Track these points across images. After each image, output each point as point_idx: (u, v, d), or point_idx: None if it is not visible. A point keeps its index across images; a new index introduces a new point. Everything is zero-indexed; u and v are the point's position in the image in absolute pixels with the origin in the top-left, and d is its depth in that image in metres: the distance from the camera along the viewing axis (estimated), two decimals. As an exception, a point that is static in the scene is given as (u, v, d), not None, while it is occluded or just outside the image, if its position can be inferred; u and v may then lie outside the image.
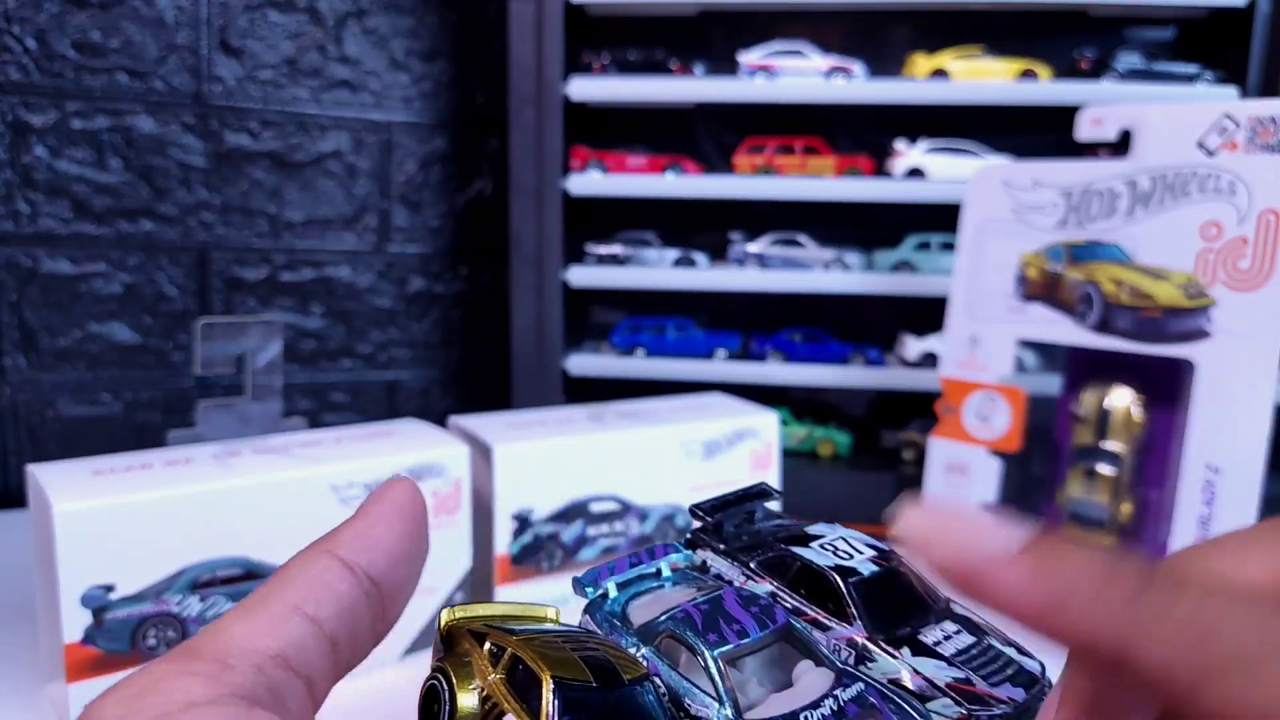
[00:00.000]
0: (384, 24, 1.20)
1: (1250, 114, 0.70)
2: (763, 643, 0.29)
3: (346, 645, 0.24)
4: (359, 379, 1.26)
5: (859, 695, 0.28)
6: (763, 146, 1.11)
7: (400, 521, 0.25)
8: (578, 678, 0.26)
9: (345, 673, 0.24)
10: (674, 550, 0.35)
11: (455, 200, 1.29)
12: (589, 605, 0.33)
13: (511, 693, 0.26)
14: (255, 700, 0.20)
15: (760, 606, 0.30)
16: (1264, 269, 0.68)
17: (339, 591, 0.23)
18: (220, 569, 0.57)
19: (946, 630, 0.31)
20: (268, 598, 0.23)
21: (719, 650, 0.28)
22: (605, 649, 0.28)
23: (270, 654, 0.22)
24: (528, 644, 0.27)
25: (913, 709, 0.28)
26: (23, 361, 1.05)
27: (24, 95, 1.01)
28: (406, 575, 0.25)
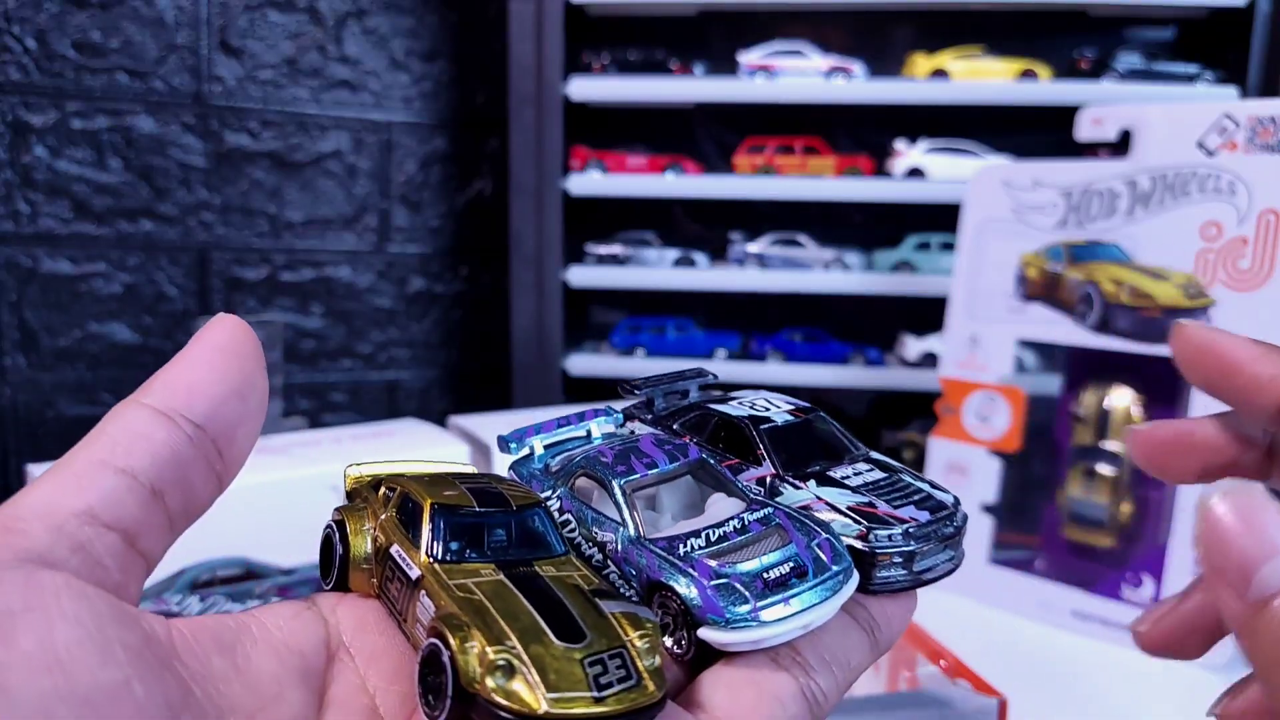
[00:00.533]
0: (384, 24, 1.20)
1: (1250, 114, 0.70)
2: (673, 474, 0.30)
3: (176, 493, 0.23)
4: (359, 379, 1.25)
5: (765, 517, 0.28)
6: (763, 146, 1.11)
7: (221, 359, 0.24)
8: (461, 503, 0.26)
9: (185, 524, 0.24)
10: (604, 414, 0.35)
11: (455, 200, 1.29)
12: (514, 463, 0.33)
13: (399, 526, 0.26)
14: (50, 561, 0.20)
15: (675, 445, 0.31)
16: (1264, 269, 0.68)
17: (155, 440, 0.23)
18: (220, 569, 0.57)
19: (858, 469, 0.31)
20: (74, 457, 0.22)
21: (625, 479, 0.29)
22: (500, 484, 0.28)
23: (74, 512, 0.21)
24: (416, 480, 0.27)
25: (817, 526, 0.28)
26: (23, 361, 1.05)
27: (24, 95, 1.01)
28: (236, 414, 0.24)
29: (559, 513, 0.30)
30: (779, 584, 0.26)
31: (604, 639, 0.23)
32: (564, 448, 0.33)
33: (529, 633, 0.22)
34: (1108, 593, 0.77)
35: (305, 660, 0.24)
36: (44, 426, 1.07)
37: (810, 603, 0.26)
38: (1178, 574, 0.72)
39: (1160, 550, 0.74)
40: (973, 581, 0.84)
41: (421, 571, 0.25)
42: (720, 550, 0.27)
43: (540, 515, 0.27)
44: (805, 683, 0.26)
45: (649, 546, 0.27)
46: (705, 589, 0.26)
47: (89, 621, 0.19)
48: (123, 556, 0.22)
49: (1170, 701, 0.67)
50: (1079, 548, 0.81)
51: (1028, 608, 0.80)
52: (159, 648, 0.21)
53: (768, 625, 0.25)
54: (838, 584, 0.27)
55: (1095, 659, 0.73)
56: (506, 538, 0.26)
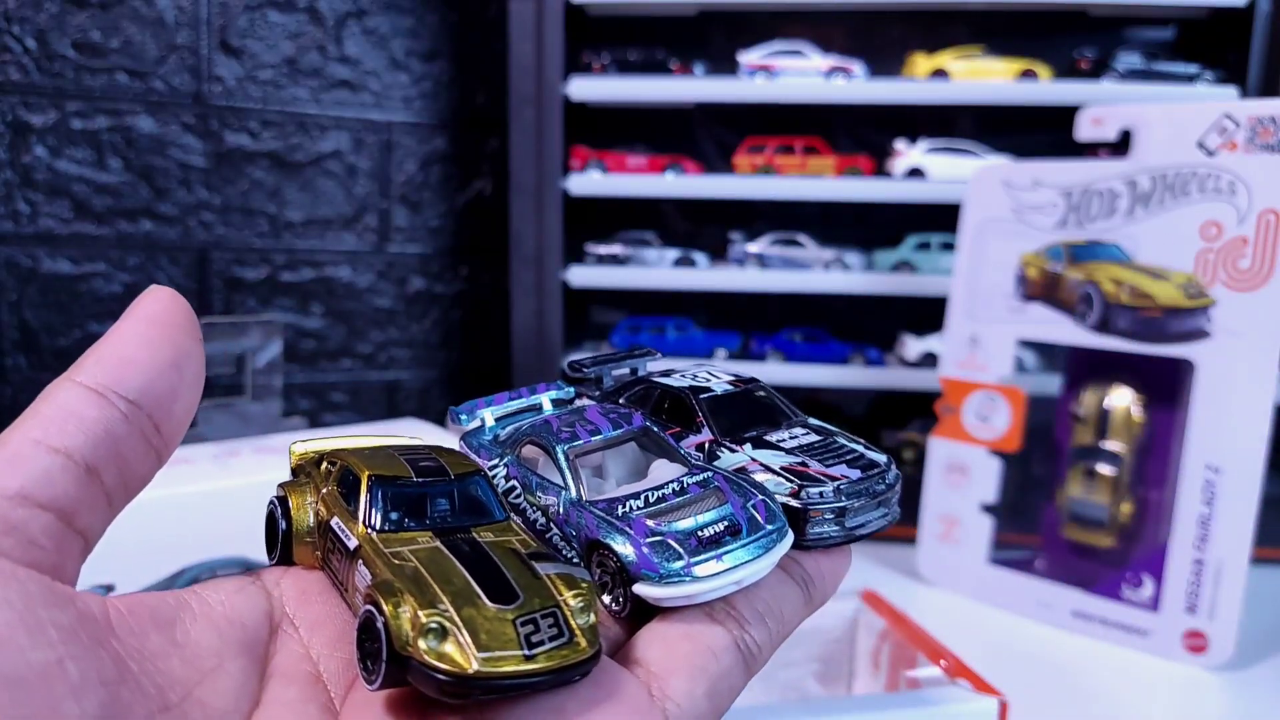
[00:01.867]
0: (384, 24, 1.20)
1: (1250, 114, 0.70)
2: (616, 440, 0.31)
3: (112, 470, 0.23)
4: (359, 379, 1.26)
5: (704, 480, 0.29)
6: (763, 146, 1.11)
7: (153, 331, 0.24)
8: (399, 474, 0.27)
9: (124, 499, 0.24)
10: (555, 388, 0.36)
11: (455, 200, 1.29)
12: (465, 434, 0.34)
13: (339, 499, 0.27)
14: None
15: (619, 413, 0.32)
16: (1264, 269, 0.68)
17: (88, 418, 0.23)
18: (220, 569, 0.57)
19: (794, 433, 0.33)
20: (7, 438, 0.22)
21: (568, 445, 0.30)
22: (440, 455, 0.29)
23: (7, 494, 0.21)
24: (356, 454, 0.28)
25: (754, 488, 0.29)
26: (23, 361, 1.05)
27: (24, 95, 1.01)
28: (171, 387, 0.24)
29: (505, 479, 0.31)
30: (712, 541, 0.27)
31: (537, 599, 0.23)
32: (514, 420, 0.34)
33: (461, 595, 0.23)
34: (1108, 593, 0.77)
35: (247, 632, 0.24)
36: (44, 426, 1.07)
37: (743, 559, 0.27)
38: (1177, 574, 0.72)
39: (1160, 550, 0.74)
40: (973, 581, 0.84)
41: (359, 542, 0.25)
42: (658, 511, 0.28)
43: (480, 483, 0.28)
44: (739, 635, 0.27)
45: (588, 508, 0.28)
46: (640, 546, 0.26)
47: (19, 603, 0.20)
48: (59, 536, 0.22)
49: (1170, 701, 0.67)
50: (1079, 548, 0.81)
51: (1028, 608, 0.80)
52: (93, 626, 0.21)
53: (701, 580, 0.26)
54: (771, 542, 0.27)
55: (1095, 659, 0.73)
56: (447, 507, 0.27)
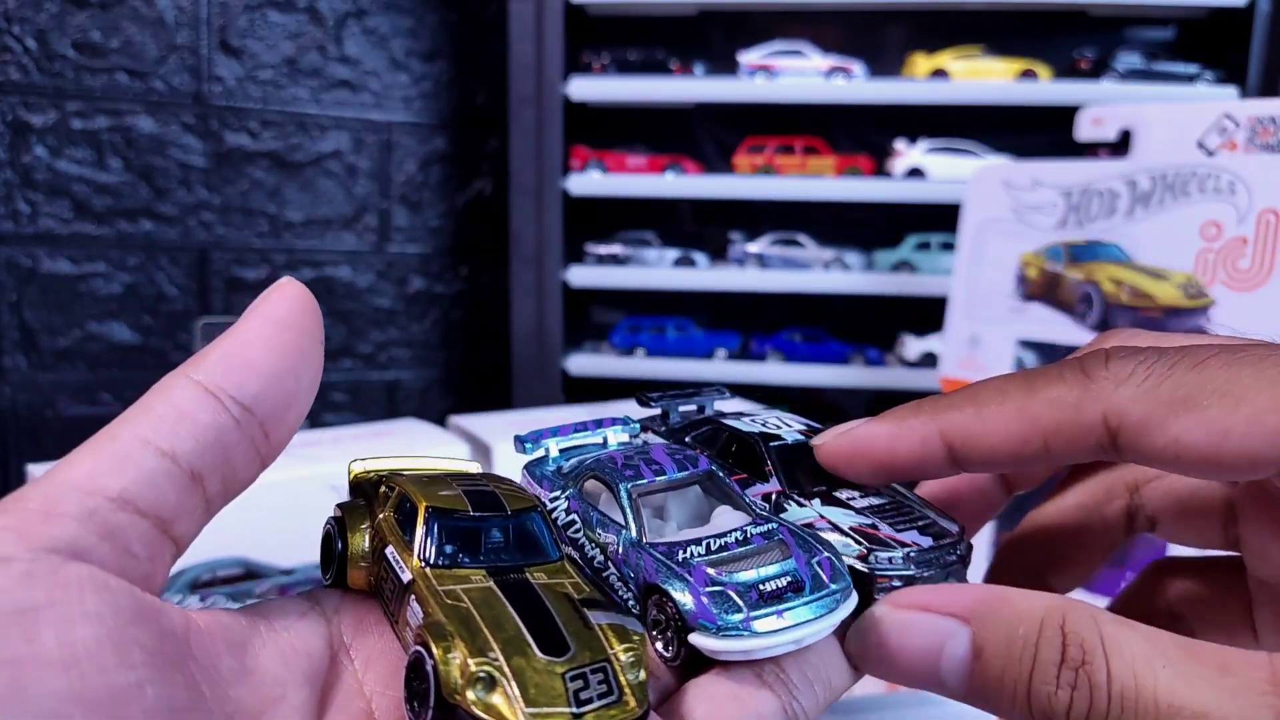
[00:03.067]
0: (384, 24, 1.20)
1: (1250, 114, 0.70)
2: (680, 482, 0.30)
3: (216, 477, 0.22)
4: (359, 379, 1.25)
5: (768, 531, 0.29)
6: (763, 146, 1.11)
7: (280, 335, 0.23)
8: (456, 507, 0.26)
9: (221, 504, 0.23)
10: (621, 423, 0.35)
11: (455, 200, 1.29)
12: (528, 464, 0.34)
13: (395, 527, 0.26)
14: (78, 550, 0.19)
15: (685, 455, 0.31)
16: (1264, 269, 0.68)
17: (200, 422, 0.22)
18: (220, 569, 0.57)
19: (865, 491, 0.32)
20: (118, 432, 0.21)
21: (631, 483, 0.29)
22: (498, 486, 0.28)
23: (109, 495, 0.20)
24: (414, 481, 0.28)
25: (820, 544, 0.28)
26: (23, 361, 1.05)
27: (24, 95, 1.01)
28: (288, 395, 0.23)
29: (565, 513, 0.30)
30: (774, 596, 0.26)
31: (588, 651, 0.23)
32: (578, 452, 0.34)
33: (512, 644, 0.22)
34: (1107, 592, 0.76)
35: (311, 662, 0.24)
36: (44, 426, 1.07)
37: (804, 618, 0.26)
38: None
39: (1160, 549, 0.74)
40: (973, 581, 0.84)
41: (413, 575, 0.25)
42: (720, 559, 0.27)
43: (536, 519, 0.27)
44: (787, 701, 0.26)
45: (648, 550, 0.27)
46: (700, 595, 0.26)
47: (110, 619, 0.19)
48: (153, 544, 0.21)
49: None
50: (1079, 548, 0.81)
51: (1028, 608, 0.80)
52: (175, 645, 0.20)
53: (759, 636, 0.25)
54: (834, 602, 0.26)
55: (1095, 659, 0.73)
56: (502, 541, 0.26)
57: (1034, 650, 0.23)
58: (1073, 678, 0.22)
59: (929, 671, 0.24)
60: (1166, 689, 0.21)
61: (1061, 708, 0.22)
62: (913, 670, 0.24)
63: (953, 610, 0.24)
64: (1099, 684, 0.22)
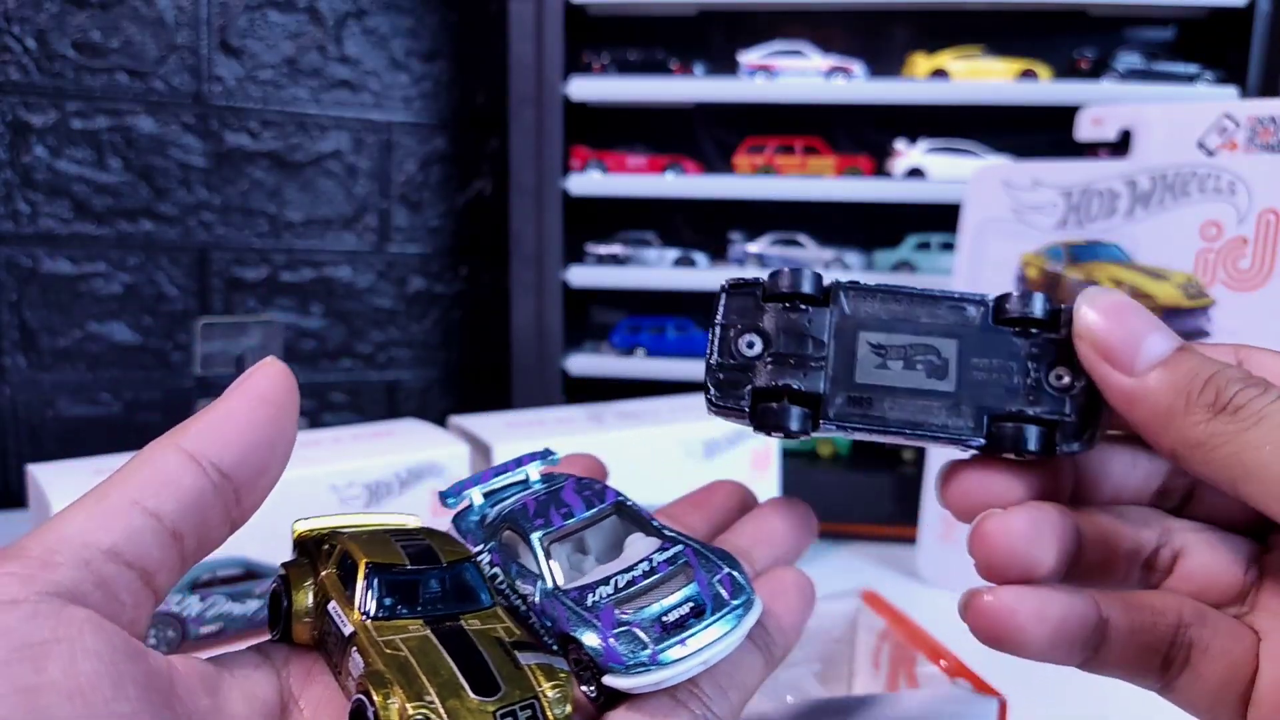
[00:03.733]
0: (384, 24, 1.20)
1: (1250, 114, 0.70)
2: (590, 520, 0.32)
3: (194, 536, 0.24)
4: (359, 379, 1.26)
5: (674, 555, 0.30)
6: (763, 146, 1.11)
7: (259, 409, 0.26)
8: (394, 561, 0.28)
9: (195, 561, 0.25)
10: (539, 457, 0.36)
11: (455, 200, 1.29)
12: (455, 517, 0.35)
13: (337, 582, 0.28)
14: (76, 596, 0.21)
15: (594, 490, 0.33)
16: (1264, 269, 0.68)
17: (183, 486, 0.24)
18: (220, 569, 0.57)
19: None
20: (108, 491, 0.23)
21: (540, 532, 0.31)
22: (434, 540, 0.30)
23: (101, 548, 0.22)
24: (354, 539, 0.29)
25: (722, 561, 0.30)
26: (23, 361, 1.05)
27: (24, 95, 1.01)
28: (263, 464, 0.26)
29: (489, 566, 0.32)
30: (677, 625, 0.28)
31: (517, 690, 0.25)
32: (501, 495, 0.35)
33: (447, 687, 0.25)
34: (1108, 593, 0.77)
35: (268, 707, 0.26)
36: (44, 426, 1.07)
37: (708, 640, 0.28)
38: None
39: (1160, 550, 0.74)
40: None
41: (354, 628, 0.27)
42: (627, 596, 0.29)
43: (469, 569, 0.29)
44: (703, 713, 0.28)
45: (561, 599, 0.29)
46: (607, 638, 0.27)
47: (107, 655, 0.21)
48: (139, 594, 0.23)
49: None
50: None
51: (1028, 608, 0.80)
52: (162, 683, 0.22)
53: (666, 666, 0.27)
54: (736, 619, 0.28)
55: (1095, 659, 0.73)
56: (438, 592, 0.28)
57: (1219, 374, 0.24)
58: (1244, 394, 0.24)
59: (1130, 350, 0.25)
60: None
61: (1233, 386, 0.24)
62: (1112, 343, 0.25)
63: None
64: (1256, 408, 0.24)
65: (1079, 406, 0.27)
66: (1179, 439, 0.24)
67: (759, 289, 0.29)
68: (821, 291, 0.28)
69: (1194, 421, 0.24)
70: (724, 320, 0.29)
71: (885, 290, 0.28)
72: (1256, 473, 0.23)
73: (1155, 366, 0.25)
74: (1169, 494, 0.29)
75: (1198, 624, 0.27)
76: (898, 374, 0.27)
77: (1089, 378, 0.27)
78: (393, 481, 0.62)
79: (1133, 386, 0.25)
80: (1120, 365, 0.25)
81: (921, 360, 0.27)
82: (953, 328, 0.28)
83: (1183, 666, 0.27)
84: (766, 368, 0.28)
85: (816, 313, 0.28)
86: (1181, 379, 0.25)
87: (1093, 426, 0.27)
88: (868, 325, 0.28)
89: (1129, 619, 0.26)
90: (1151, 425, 0.25)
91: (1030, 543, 0.26)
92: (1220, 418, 0.23)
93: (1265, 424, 0.23)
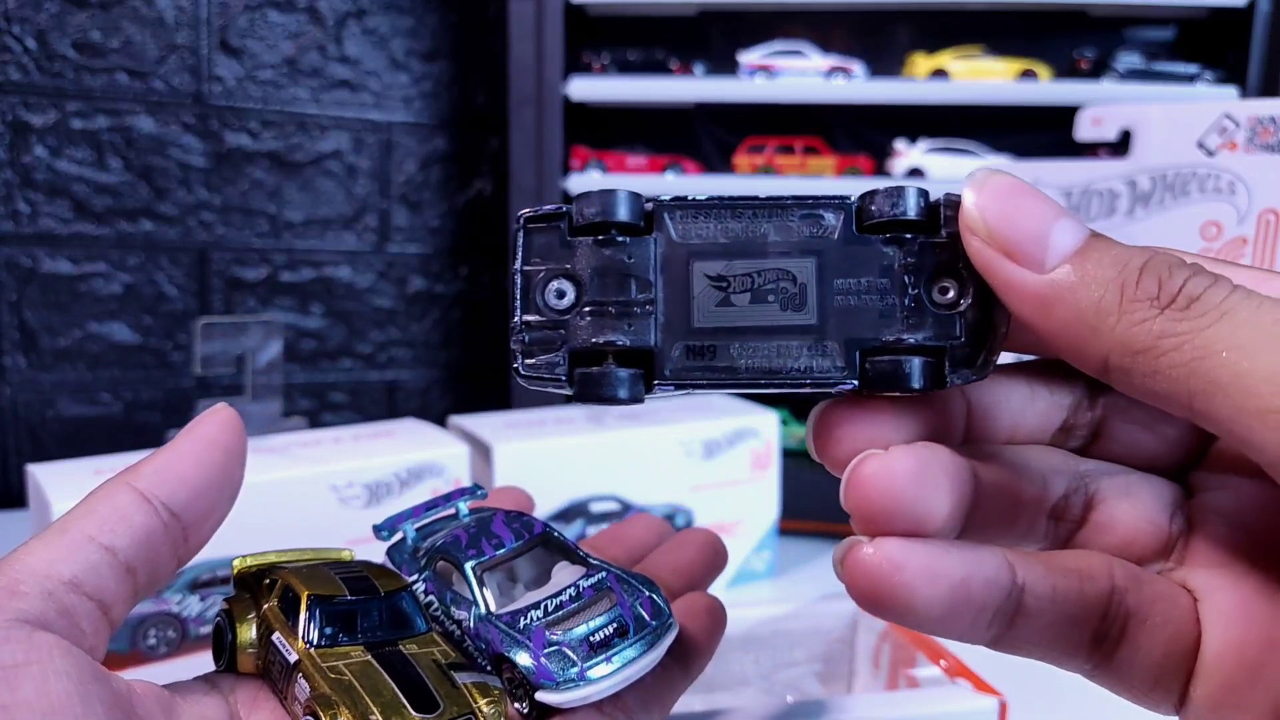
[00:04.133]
0: (384, 24, 1.20)
1: (1250, 114, 0.70)
2: (519, 550, 0.34)
3: (145, 571, 0.26)
4: (359, 379, 1.26)
5: (598, 581, 0.32)
6: (763, 146, 1.11)
7: (209, 453, 0.27)
8: (334, 593, 0.29)
9: (147, 594, 0.27)
10: (470, 493, 0.38)
11: (455, 200, 1.29)
12: (389, 549, 0.36)
13: (280, 614, 0.29)
14: (42, 623, 0.23)
15: (522, 522, 0.35)
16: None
17: (135, 523, 0.25)
18: (220, 569, 0.57)
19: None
20: (67, 527, 0.25)
21: (473, 562, 0.33)
22: (371, 572, 0.32)
23: (63, 579, 0.24)
24: (295, 573, 0.30)
25: (642, 585, 0.32)
26: (23, 361, 1.05)
27: (24, 95, 1.01)
28: (211, 505, 0.27)
29: (424, 594, 0.34)
30: (603, 645, 0.30)
31: (455, 707, 0.27)
32: (433, 528, 0.36)
33: (390, 706, 0.26)
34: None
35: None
36: (44, 426, 1.07)
37: (630, 657, 0.30)
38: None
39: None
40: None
41: (299, 656, 0.28)
42: (556, 619, 0.31)
43: (405, 598, 0.31)
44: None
45: (494, 622, 0.31)
46: (539, 657, 0.29)
47: (75, 676, 0.22)
48: (98, 623, 0.24)
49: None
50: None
51: (1028, 608, 0.80)
52: (124, 704, 0.24)
53: (593, 683, 0.29)
54: (656, 638, 0.31)
55: (1095, 659, 0.73)
56: (377, 620, 0.30)
57: (1155, 259, 0.20)
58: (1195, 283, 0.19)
59: (1037, 239, 0.20)
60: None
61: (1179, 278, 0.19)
62: (1012, 234, 0.20)
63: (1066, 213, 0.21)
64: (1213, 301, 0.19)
65: (969, 325, 0.22)
66: (1115, 344, 0.19)
67: (564, 220, 0.23)
68: (641, 216, 0.23)
69: (1134, 321, 0.19)
70: (525, 265, 0.23)
71: (720, 205, 0.23)
72: (1226, 384, 0.18)
73: (1072, 256, 0.20)
74: (1073, 430, 0.24)
75: (1133, 589, 0.22)
76: (745, 310, 0.22)
77: (981, 287, 0.22)
78: (393, 482, 0.62)
79: (1046, 285, 0.20)
80: (1026, 260, 0.20)
81: (773, 289, 0.22)
82: (808, 243, 0.22)
83: (1118, 641, 0.22)
84: (583, 322, 0.23)
85: (637, 244, 0.23)
86: (1109, 268, 0.20)
87: (987, 349, 0.22)
88: (703, 253, 0.22)
89: (1050, 584, 0.22)
90: (1075, 332, 0.20)
91: (919, 487, 0.21)
92: (1169, 313, 0.19)
93: (1229, 320, 0.18)
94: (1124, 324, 0.19)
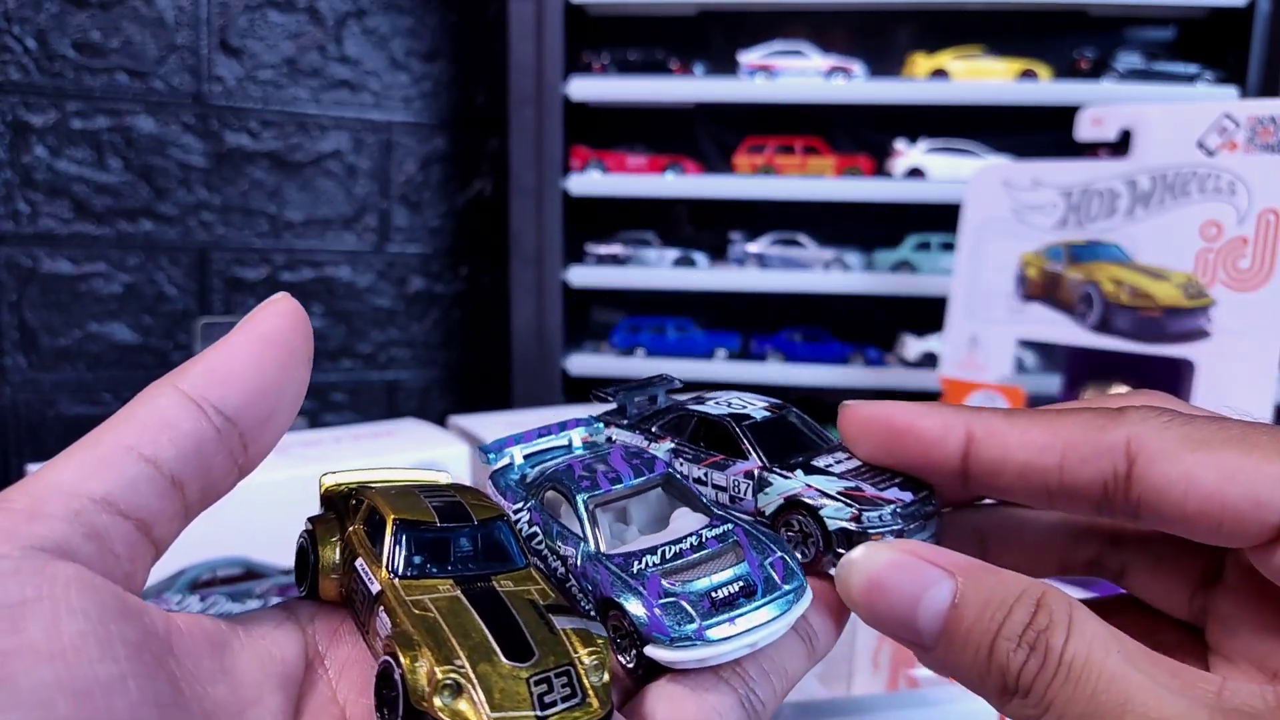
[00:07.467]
0: (384, 24, 1.20)
1: (1250, 114, 0.70)
2: (637, 489, 0.31)
3: (196, 484, 0.23)
4: (359, 379, 1.25)
5: (723, 534, 0.29)
6: (763, 146, 1.11)
7: (266, 350, 0.24)
8: (423, 519, 0.27)
9: (200, 510, 0.24)
10: (585, 423, 0.35)
11: (455, 200, 1.29)
12: (493, 473, 0.33)
13: (364, 539, 0.27)
14: (63, 549, 0.20)
15: (643, 459, 0.32)
16: (1264, 269, 0.68)
17: (182, 430, 0.22)
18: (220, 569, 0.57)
19: (838, 457, 0.32)
20: (102, 438, 0.22)
21: (587, 495, 0.30)
22: (466, 497, 0.29)
23: (93, 497, 0.21)
24: (381, 494, 0.28)
25: (773, 544, 0.29)
26: (23, 361, 1.05)
27: (24, 95, 1.01)
28: (270, 409, 0.24)
29: (528, 524, 0.31)
30: (726, 603, 0.27)
31: (552, 656, 0.24)
32: (543, 458, 0.34)
33: (478, 651, 0.23)
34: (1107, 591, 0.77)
35: (285, 668, 0.24)
36: (44, 426, 1.07)
37: (757, 622, 0.26)
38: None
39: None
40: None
41: (382, 586, 0.25)
42: (674, 568, 0.28)
43: (502, 528, 0.28)
44: (745, 694, 0.26)
45: (605, 563, 0.28)
46: (653, 608, 0.26)
47: (94, 615, 0.19)
48: (135, 545, 0.22)
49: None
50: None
51: (1028, 608, 0.80)
52: (156, 643, 0.21)
53: (713, 644, 0.26)
54: (788, 603, 0.27)
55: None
56: (470, 551, 0.27)
57: (1007, 611, 0.23)
58: (1034, 638, 0.23)
59: (906, 613, 0.25)
60: (1115, 671, 0.22)
61: (1016, 665, 0.23)
62: (891, 609, 0.25)
63: (943, 564, 0.25)
64: (1054, 648, 0.23)
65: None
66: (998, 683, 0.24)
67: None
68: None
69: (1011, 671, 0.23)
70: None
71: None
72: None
73: (940, 632, 0.24)
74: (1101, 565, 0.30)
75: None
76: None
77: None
78: (393, 481, 0.62)
79: (929, 658, 0.25)
80: (907, 641, 0.25)
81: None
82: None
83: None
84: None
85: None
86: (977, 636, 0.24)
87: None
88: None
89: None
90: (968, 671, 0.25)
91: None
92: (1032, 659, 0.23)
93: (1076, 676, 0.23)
94: (995, 677, 0.23)
